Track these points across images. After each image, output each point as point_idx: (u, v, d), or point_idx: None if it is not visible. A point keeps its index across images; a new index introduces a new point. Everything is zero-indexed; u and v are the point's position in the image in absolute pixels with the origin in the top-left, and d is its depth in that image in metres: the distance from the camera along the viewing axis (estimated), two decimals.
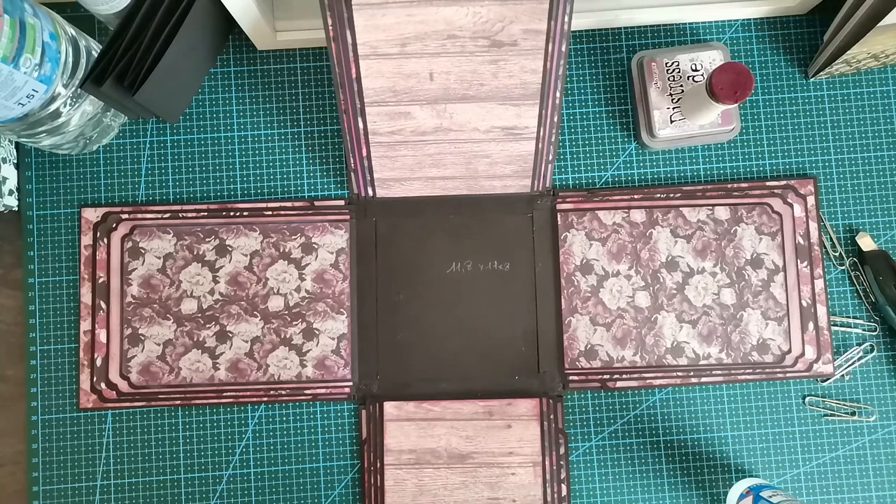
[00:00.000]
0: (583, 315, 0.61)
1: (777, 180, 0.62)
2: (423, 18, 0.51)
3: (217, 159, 0.63)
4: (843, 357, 0.62)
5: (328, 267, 0.62)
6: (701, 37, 0.64)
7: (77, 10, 0.62)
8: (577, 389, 0.61)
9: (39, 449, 0.61)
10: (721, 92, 0.53)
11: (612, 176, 0.63)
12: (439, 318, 0.61)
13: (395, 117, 0.57)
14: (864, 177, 0.63)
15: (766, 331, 0.61)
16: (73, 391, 0.61)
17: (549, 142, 0.58)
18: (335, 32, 0.51)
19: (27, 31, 0.49)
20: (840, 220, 0.63)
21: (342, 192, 0.63)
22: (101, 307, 0.61)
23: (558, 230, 0.62)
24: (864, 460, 0.61)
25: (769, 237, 0.62)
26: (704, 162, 0.63)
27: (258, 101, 0.64)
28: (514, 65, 0.53)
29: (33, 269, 0.62)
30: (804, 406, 0.61)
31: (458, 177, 0.61)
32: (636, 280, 0.61)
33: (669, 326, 0.61)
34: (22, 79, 0.50)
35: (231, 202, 0.63)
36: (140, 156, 0.63)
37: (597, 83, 0.64)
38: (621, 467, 0.61)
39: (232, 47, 0.64)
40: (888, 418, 0.61)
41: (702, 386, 0.61)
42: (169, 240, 0.62)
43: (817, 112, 0.64)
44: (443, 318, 0.61)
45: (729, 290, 0.61)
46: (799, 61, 0.64)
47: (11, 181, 0.62)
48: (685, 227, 0.62)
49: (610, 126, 0.64)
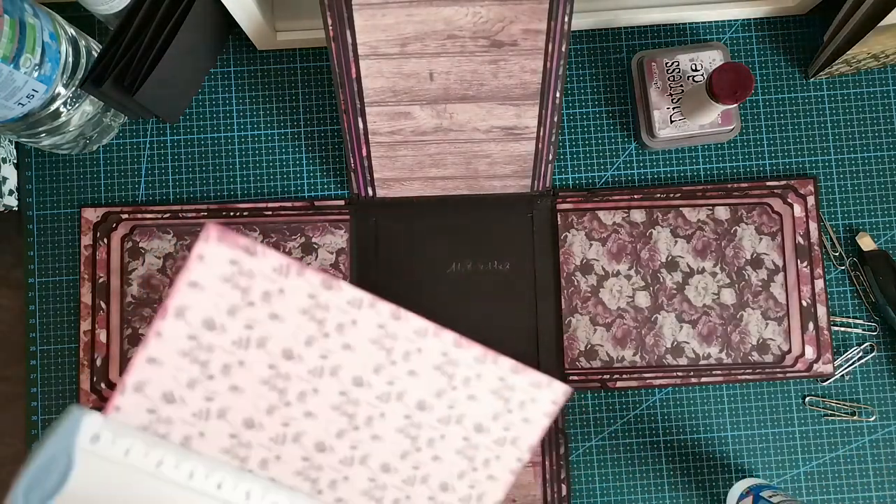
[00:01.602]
0: (583, 315, 0.61)
1: (777, 180, 0.62)
2: (423, 18, 0.51)
3: (217, 159, 0.63)
4: (843, 357, 0.62)
5: (328, 267, 0.62)
6: (701, 37, 0.64)
7: (77, 10, 0.62)
8: (577, 389, 0.61)
9: None
10: (721, 92, 0.53)
11: (612, 176, 0.63)
12: (439, 318, 0.61)
13: (395, 117, 0.57)
14: (864, 177, 0.63)
15: (766, 331, 0.61)
16: (73, 391, 0.61)
17: (549, 142, 0.58)
18: (335, 32, 0.51)
19: (27, 31, 0.49)
20: (840, 220, 0.63)
21: (342, 192, 0.63)
22: (101, 307, 0.61)
23: (558, 230, 0.62)
24: (864, 460, 0.61)
25: (769, 237, 0.62)
26: (704, 162, 0.63)
27: (258, 101, 0.64)
28: (514, 65, 0.53)
29: (33, 269, 0.62)
30: (804, 406, 0.61)
31: (458, 177, 0.61)
32: (636, 280, 0.61)
33: (669, 326, 0.61)
34: (22, 79, 0.50)
35: (231, 202, 0.63)
36: (140, 156, 0.63)
37: (597, 83, 0.64)
38: (621, 467, 0.61)
39: (232, 47, 0.64)
40: (888, 418, 0.61)
41: (702, 386, 0.61)
42: (169, 240, 0.62)
43: (817, 112, 0.64)
44: (443, 319, 0.61)
45: (729, 290, 0.61)
46: (799, 61, 0.64)
47: (11, 181, 0.62)
48: (685, 227, 0.62)
49: (610, 126, 0.64)
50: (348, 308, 0.39)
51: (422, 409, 0.42)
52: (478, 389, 0.42)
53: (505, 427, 0.43)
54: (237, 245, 0.37)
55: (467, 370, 0.42)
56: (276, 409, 0.40)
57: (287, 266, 0.38)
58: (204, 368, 0.39)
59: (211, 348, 0.38)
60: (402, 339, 0.41)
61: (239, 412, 0.40)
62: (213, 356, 0.39)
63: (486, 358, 0.42)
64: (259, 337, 0.39)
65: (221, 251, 0.37)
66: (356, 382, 0.41)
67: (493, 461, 0.44)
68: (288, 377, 0.40)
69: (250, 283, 0.38)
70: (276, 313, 0.39)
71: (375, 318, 0.40)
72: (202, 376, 0.39)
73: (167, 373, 0.38)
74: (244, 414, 0.40)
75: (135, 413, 0.38)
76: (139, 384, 0.38)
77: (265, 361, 0.39)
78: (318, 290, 0.39)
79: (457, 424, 0.43)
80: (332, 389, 0.41)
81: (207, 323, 0.38)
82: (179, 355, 0.38)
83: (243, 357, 0.39)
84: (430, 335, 0.41)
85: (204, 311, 0.38)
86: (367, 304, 0.39)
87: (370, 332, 0.40)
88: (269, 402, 0.40)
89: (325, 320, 0.39)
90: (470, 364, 0.42)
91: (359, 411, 0.41)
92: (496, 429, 0.43)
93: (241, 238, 0.37)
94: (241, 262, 0.37)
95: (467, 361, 0.42)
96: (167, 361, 0.38)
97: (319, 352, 0.40)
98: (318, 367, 0.40)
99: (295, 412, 0.41)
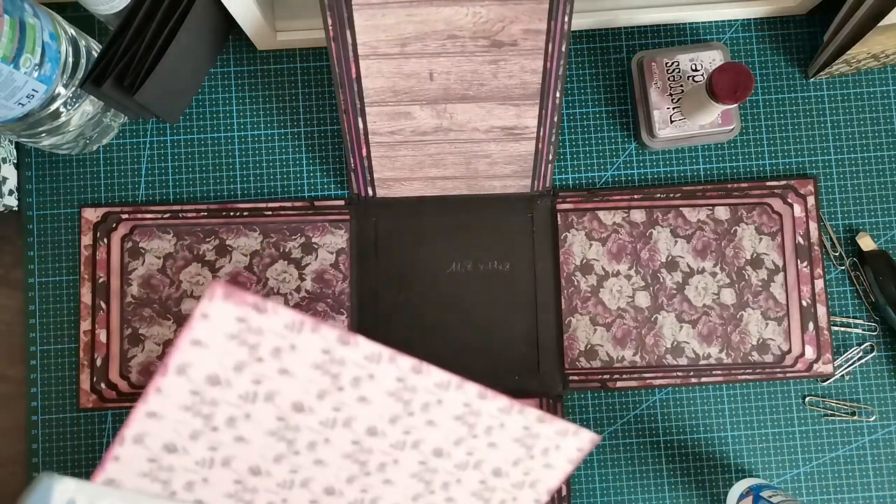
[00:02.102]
0: (583, 315, 0.61)
1: (777, 180, 0.62)
2: (423, 18, 0.51)
3: (217, 159, 0.63)
4: (843, 357, 0.62)
5: (328, 267, 0.62)
6: (701, 37, 0.64)
7: (77, 10, 0.62)
8: (577, 389, 0.61)
9: (39, 449, 0.61)
10: (721, 92, 0.53)
11: (612, 176, 0.63)
12: (439, 318, 0.61)
13: (395, 117, 0.57)
14: (864, 177, 0.63)
15: (766, 331, 0.61)
16: (73, 391, 0.61)
17: (549, 142, 0.58)
18: (335, 32, 0.51)
19: (27, 31, 0.49)
20: (840, 220, 0.63)
21: (342, 192, 0.63)
22: (101, 307, 0.61)
23: (558, 230, 0.62)
24: (864, 460, 0.61)
25: (769, 237, 0.62)
26: (704, 162, 0.63)
27: (258, 101, 0.64)
28: (514, 65, 0.53)
29: (33, 269, 0.62)
30: (804, 406, 0.61)
31: (458, 177, 0.61)
32: (636, 280, 0.61)
33: (669, 326, 0.61)
34: (22, 79, 0.50)
35: (231, 202, 0.63)
36: (140, 156, 0.63)
37: (597, 83, 0.64)
38: (621, 467, 0.61)
39: (232, 47, 0.64)
40: (888, 418, 0.61)
41: (702, 386, 0.61)
42: (169, 240, 0.62)
43: (817, 112, 0.64)
44: (443, 319, 0.61)
45: (729, 290, 0.61)
46: (799, 61, 0.64)
47: (11, 181, 0.62)
48: (685, 227, 0.62)
49: (610, 126, 0.64)
50: (365, 363, 0.38)
51: (438, 456, 0.41)
52: (499, 438, 0.41)
53: (525, 472, 0.42)
54: (245, 303, 0.35)
55: (490, 420, 0.41)
56: (284, 457, 0.39)
57: (300, 323, 0.36)
58: (208, 421, 0.38)
59: (215, 402, 0.37)
60: (421, 391, 0.39)
61: (244, 461, 0.39)
62: (217, 409, 0.38)
63: (512, 409, 0.41)
64: (267, 391, 0.38)
65: (227, 309, 0.35)
66: (370, 432, 0.40)
67: (509, 502, 0.43)
68: (297, 429, 0.39)
69: (259, 340, 0.36)
70: (286, 368, 0.37)
71: (394, 372, 0.39)
72: (206, 428, 0.38)
73: (168, 426, 0.37)
74: (250, 462, 0.39)
75: (135, 462, 0.38)
76: (139, 437, 0.37)
77: (273, 414, 0.38)
78: (333, 345, 0.37)
79: (474, 469, 0.42)
80: (345, 439, 0.40)
81: (211, 379, 0.37)
82: (181, 409, 0.37)
83: (250, 410, 0.38)
84: (452, 388, 0.40)
85: (208, 368, 0.36)
86: (387, 358, 0.38)
87: (388, 385, 0.39)
88: (276, 452, 0.39)
89: (340, 374, 0.38)
90: (493, 414, 0.41)
91: (371, 458, 0.41)
92: (515, 473, 0.42)
93: (249, 296, 0.35)
94: (250, 320, 0.36)
95: (491, 412, 0.41)
96: (168, 416, 0.37)
97: (332, 404, 0.39)
98: (331, 418, 0.39)
99: (304, 460, 0.40)
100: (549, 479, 0.43)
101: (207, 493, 0.39)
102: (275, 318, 0.36)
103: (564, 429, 0.42)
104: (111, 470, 0.38)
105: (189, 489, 0.39)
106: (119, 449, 0.37)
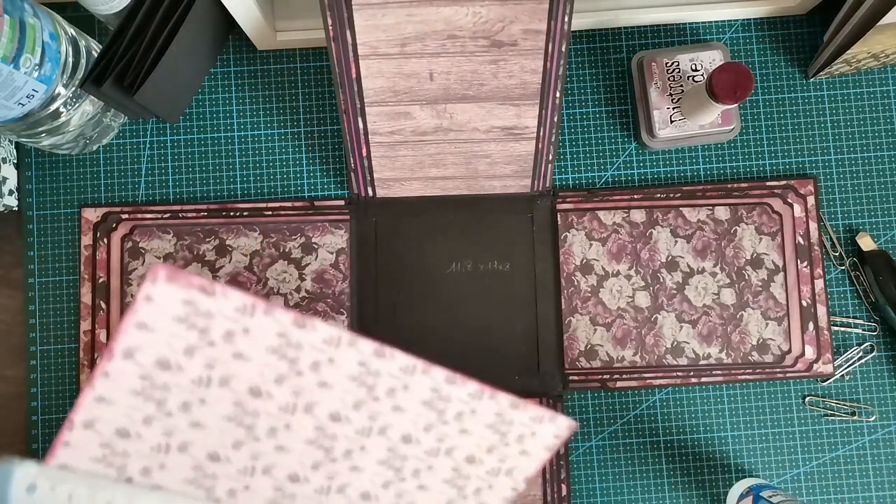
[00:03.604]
0: (583, 315, 0.61)
1: (777, 180, 0.62)
2: (423, 18, 0.51)
3: (217, 159, 0.63)
4: (843, 357, 0.62)
5: (328, 267, 0.62)
6: (701, 37, 0.64)
7: (77, 10, 0.62)
8: (577, 389, 0.61)
9: (39, 449, 0.61)
10: (721, 92, 0.53)
11: (612, 176, 0.63)
12: (439, 318, 0.61)
13: (395, 117, 0.57)
14: (864, 177, 0.63)
15: (766, 331, 0.61)
16: (73, 391, 0.61)
17: (549, 142, 0.58)
18: (335, 32, 0.51)
19: (27, 31, 0.49)
20: (840, 220, 0.63)
21: (342, 192, 0.63)
22: (101, 307, 0.61)
23: (558, 230, 0.62)
24: (864, 460, 0.61)
25: (769, 237, 0.62)
26: (704, 162, 0.63)
27: (258, 101, 0.64)
28: (514, 65, 0.53)
29: (33, 269, 0.62)
30: (804, 406, 0.61)
31: (458, 177, 0.61)
32: (636, 280, 0.61)
33: (669, 326, 0.61)
34: (22, 79, 0.50)
35: (231, 202, 0.63)
36: (140, 156, 0.63)
37: (597, 83, 0.64)
38: (621, 467, 0.61)
39: (232, 47, 0.64)
40: (888, 418, 0.61)
41: (702, 386, 0.61)
42: (169, 240, 0.62)
43: (817, 112, 0.64)
44: (443, 319, 0.61)
45: (729, 290, 0.61)
46: (799, 61, 0.64)
47: (11, 181, 0.62)
48: (685, 227, 0.62)
49: (610, 126, 0.64)
50: (324, 347, 0.37)
51: (407, 443, 0.41)
52: (471, 424, 0.41)
53: (500, 459, 0.42)
54: (190, 285, 0.35)
55: (460, 405, 0.40)
56: (244, 443, 0.39)
57: (252, 305, 0.36)
58: (161, 406, 0.37)
59: (167, 387, 0.37)
60: (385, 376, 0.39)
61: (202, 447, 0.38)
62: (170, 394, 0.37)
63: (483, 394, 0.40)
64: (222, 376, 0.37)
65: (172, 292, 0.35)
66: (333, 418, 0.40)
67: (484, 490, 0.42)
68: (256, 414, 0.38)
69: (209, 324, 0.36)
70: (240, 352, 0.37)
71: (355, 356, 0.38)
72: (159, 413, 0.37)
73: (119, 411, 0.37)
74: (208, 448, 0.39)
75: (86, 447, 0.37)
76: (89, 422, 0.37)
77: (230, 399, 0.38)
78: (289, 328, 0.37)
79: (446, 456, 0.42)
80: (307, 425, 0.39)
81: (161, 363, 0.36)
82: (131, 394, 0.37)
83: (204, 395, 0.37)
84: (417, 372, 0.39)
85: (156, 351, 0.36)
86: (346, 342, 0.38)
87: (349, 369, 0.38)
88: (235, 438, 0.39)
89: (298, 359, 0.38)
90: (464, 400, 0.40)
91: (336, 445, 0.40)
92: (490, 461, 0.42)
93: (195, 278, 0.35)
94: (198, 303, 0.35)
95: (461, 397, 0.40)
96: (118, 401, 0.37)
97: (291, 389, 0.38)
98: (291, 403, 0.39)
99: (264, 447, 0.39)
100: (526, 467, 0.42)
101: (165, 479, 0.39)
102: (224, 300, 0.35)
103: (539, 415, 0.41)
104: (62, 455, 0.37)
105: (146, 474, 0.38)
106: (69, 434, 0.37)
